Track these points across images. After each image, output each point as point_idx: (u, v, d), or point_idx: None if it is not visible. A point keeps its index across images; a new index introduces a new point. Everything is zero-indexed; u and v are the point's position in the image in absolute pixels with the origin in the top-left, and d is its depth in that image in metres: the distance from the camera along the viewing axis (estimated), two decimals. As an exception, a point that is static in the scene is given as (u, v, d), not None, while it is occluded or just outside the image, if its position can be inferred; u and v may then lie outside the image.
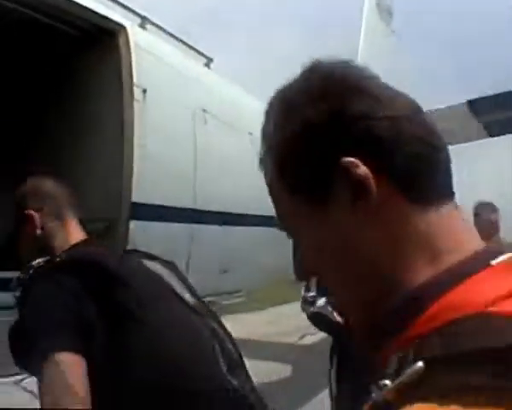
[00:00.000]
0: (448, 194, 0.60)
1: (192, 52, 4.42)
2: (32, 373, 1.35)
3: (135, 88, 3.39)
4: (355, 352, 0.64)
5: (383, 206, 0.56)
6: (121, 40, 3.44)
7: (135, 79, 3.40)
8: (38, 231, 1.54)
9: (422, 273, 0.55)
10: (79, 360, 1.30)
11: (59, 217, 1.57)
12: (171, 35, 4.18)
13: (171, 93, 3.70)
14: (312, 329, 3.23)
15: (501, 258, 0.54)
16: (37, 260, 1.47)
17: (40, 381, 1.29)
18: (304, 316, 2.89)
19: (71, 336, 1.32)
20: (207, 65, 4.53)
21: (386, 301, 0.55)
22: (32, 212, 1.55)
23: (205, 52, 4.49)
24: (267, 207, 0.69)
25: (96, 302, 1.36)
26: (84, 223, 1.63)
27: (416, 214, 0.57)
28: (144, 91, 3.43)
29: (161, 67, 3.70)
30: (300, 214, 0.61)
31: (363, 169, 0.56)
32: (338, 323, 2.54)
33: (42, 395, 1.28)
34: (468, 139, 9.72)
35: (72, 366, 1.29)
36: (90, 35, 3.47)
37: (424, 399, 0.42)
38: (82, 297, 1.35)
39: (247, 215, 4.31)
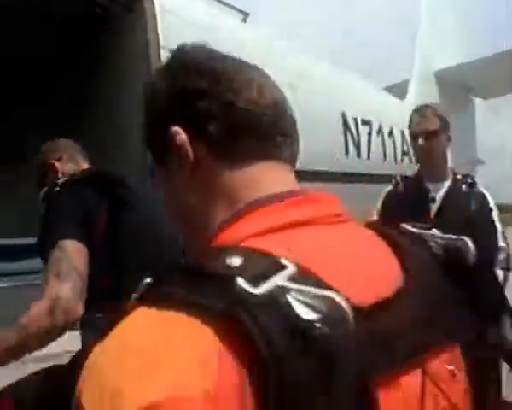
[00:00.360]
0: (264, 153, 0.70)
1: (227, 8, 4.30)
2: None
3: (162, 51, 3.34)
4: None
5: (198, 167, 0.69)
6: (146, 5, 3.39)
7: (162, 42, 3.34)
8: (60, 175, 1.92)
9: (220, 219, 0.67)
10: (82, 247, 1.62)
11: (74, 162, 1.99)
12: (203, -7, 4.08)
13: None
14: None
15: (288, 199, 0.66)
16: (61, 179, 1.86)
17: (47, 262, 1.57)
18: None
19: (76, 228, 1.64)
20: (244, 20, 4.40)
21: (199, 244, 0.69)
22: (53, 161, 1.96)
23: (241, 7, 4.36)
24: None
25: (100, 198, 1.72)
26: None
27: (224, 172, 0.69)
28: (173, 54, 3.36)
29: (190, 27, 3.62)
30: (160, 177, 0.75)
31: (181, 136, 0.69)
32: None
33: (47, 271, 1.55)
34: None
35: (75, 251, 1.59)
36: (116, 3, 3.45)
37: (141, 304, 0.54)
38: (90, 197, 1.72)
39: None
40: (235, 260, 0.53)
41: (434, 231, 0.74)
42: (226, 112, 0.68)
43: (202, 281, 0.52)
